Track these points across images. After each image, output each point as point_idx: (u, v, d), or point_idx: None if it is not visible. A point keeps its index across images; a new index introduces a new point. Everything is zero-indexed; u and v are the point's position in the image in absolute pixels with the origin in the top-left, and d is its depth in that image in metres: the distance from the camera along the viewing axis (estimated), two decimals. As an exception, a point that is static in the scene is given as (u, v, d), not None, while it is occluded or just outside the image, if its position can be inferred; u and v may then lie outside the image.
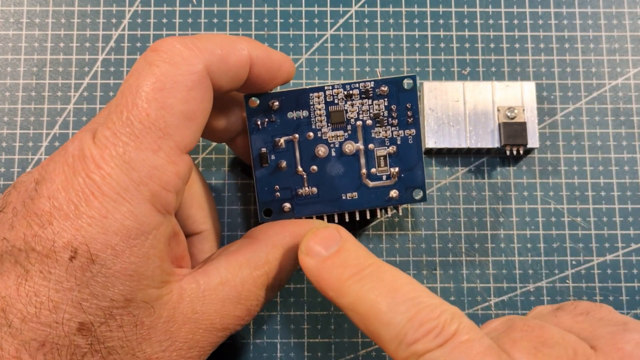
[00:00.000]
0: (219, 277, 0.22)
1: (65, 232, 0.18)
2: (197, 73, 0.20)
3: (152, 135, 0.19)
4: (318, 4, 0.30)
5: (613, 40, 0.30)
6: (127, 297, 0.19)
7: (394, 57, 0.30)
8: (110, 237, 0.18)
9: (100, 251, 0.18)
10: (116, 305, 0.19)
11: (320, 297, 0.28)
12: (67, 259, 0.18)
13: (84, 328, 0.18)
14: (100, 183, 0.19)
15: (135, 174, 0.19)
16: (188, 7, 0.30)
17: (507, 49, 0.30)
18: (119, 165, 0.19)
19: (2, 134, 0.29)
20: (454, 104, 0.28)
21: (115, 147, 0.19)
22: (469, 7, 0.31)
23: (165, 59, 0.20)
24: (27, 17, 0.30)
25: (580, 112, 0.30)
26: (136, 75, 0.20)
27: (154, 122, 0.19)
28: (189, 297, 0.21)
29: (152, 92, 0.19)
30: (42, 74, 0.29)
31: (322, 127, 0.25)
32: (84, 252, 0.18)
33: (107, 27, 0.30)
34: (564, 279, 0.28)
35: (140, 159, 0.19)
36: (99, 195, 0.18)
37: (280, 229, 0.24)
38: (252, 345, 0.27)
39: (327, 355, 0.27)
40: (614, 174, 0.29)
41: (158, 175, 0.19)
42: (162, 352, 0.20)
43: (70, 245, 0.18)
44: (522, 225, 0.29)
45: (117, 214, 0.19)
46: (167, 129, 0.19)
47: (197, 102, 0.20)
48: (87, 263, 0.18)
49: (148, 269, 0.19)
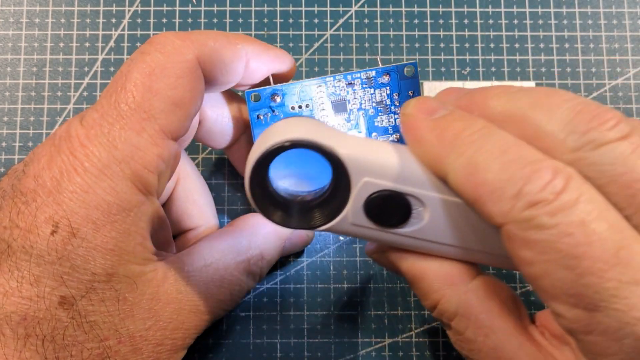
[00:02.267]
0: (203, 260, 0.22)
1: (47, 207, 0.18)
2: (187, 62, 0.20)
3: (136, 116, 0.19)
4: (318, 4, 0.30)
5: (613, 40, 0.30)
6: (109, 271, 0.19)
7: (394, 57, 0.30)
8: (91, 211, 0.19)
9: (81, 225, 0.19)
10: (98, 279, 0.19)
11: (320, 297, 0.28)
12: (49, 233, 0.18)
13: (65, 302, 0.19)
14: (83, 160, 0.19)
15: (117, 152, 0.19)
16: (188, 7, 0.30)
17: (507, 49, 0.30)
18: (102, 144, 0.19)
19: (2, 134, 0.29)
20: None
21: (101, 128, 0.19)
22: (469, 7, 0.31)
23: (157, 48, 0.20)
24: (26, 17, 0.30)
25: (580, 112, 0.30)
26: (128, 63, 0.20)
27: (139, 103, 0.19)
28: (173, 277, 0.21)
29: (140, 77, 0.20)
30: (42, 74, 0.29)
31: (325, 117, 0.24)
32: (65, 226, 0.18)
33: (107, 27, 0.30)
34: (564, 279, 0.28)
35: (123, 139, 0.19)
36: (81, 171, 0.19)
37: (262, 219, 0.24)
38: (252, 346, 0.27)
39: (327, 355, 0.27)
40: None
41: (140, 155, 0.20)
42: (145, 331, 0.20)
43: (52, 219, 0.18)
44: (522, 225, 0.29)
45: (99, 189, 0.19)
46: (152, 112, 0.20)
47: (186, 90, 0.20)
48: (68, 237, 0.18)
49: (129, 245, 0.20)
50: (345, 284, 0.28)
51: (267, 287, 0.28)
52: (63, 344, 0.19)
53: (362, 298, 0.28)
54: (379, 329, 0.28)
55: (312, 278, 0.28)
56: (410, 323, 0.28)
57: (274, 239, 0.25)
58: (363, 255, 0.28)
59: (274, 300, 0.28)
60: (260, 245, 0.24)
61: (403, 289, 0.28)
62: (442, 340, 0.28)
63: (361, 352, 0.28)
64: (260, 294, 0.28)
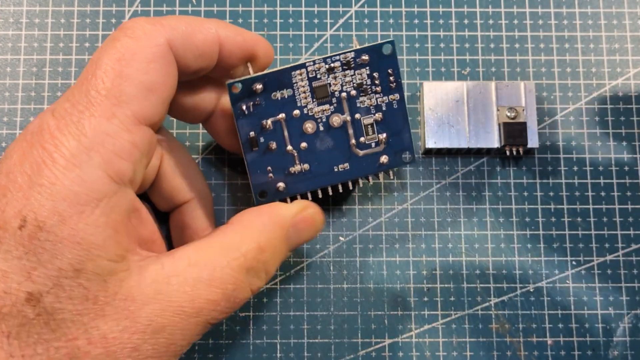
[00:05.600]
0: (187, 260, 0.21)
1: (16, 202, 0.18)
2: (158, 46, 0.20)
3: (106, 102, 0.19)
4: (318, 4, 0.30)
5: (613, 41, 0.30)
6: (76, 266, 0.18)
7: (394, 57, 0.30)
8: (57, 204, 0.18)
9: (47, 218, 0.18)
10: (65, 275, 0.18)
11: (320, 297, 0.28)
12: (17, 227, 0.18)
13: (32, 298, 0.18)
14: (52, 151, 0.18)
15: (85, 139, 0.19)
16: (188, 7, 0.30)
17: (507, 49, 0.30)
18: (72, 133, 0.19)
19: (2, 134, 0.29)
20: (454, 104, 0.28)
21: (71, 117, 0.19)
22: (469, 7, 0.31)
23: (127, 33, 0.20)
24: (26, 17, 0.30)
25: (580, 112, 0.30)
26: (99, 50, 0.20)
27: (109, 89, 0.19)
28: (150, 278, 0.20)
29: (110, 63, 0.19)
30: (41, 74, 0.29)
31: (308, 103, 0.25)
32: (32, 220, 0.18)
33: (107, 27, 0.30)
34: (564, 279, 0.28)
35: (93, 126, 0.19)
36: (49, 163, 0.18)
37: (256, 212, 0.23)
38: (252, 346, 0.27)
39: (327, 356, 0.27)
40: (614, 174, 0.29)
41: (111, 142, 0.19)
42: (119, 332, 0.19)
43: (20, 214, 0.18)
44: (522, 225, 0.29)
45: (66, 180, 0.18)
46: (122, 97, 0.19)
47: (157, 74, 0.20)
48: (34, 231, 0.18)
49: (98, 238, 0.19)
50: (345, 284, 0.28)
51: (267, 287, 0.28)
52: (28, 342, 0.18)
53: (362, 298, 0.28)
54: (379, 329, 0.28)
55: (312, 278, 0.28)
56: (410, 323, 0.28)
57: (273, 228, 0.23)
58: (363, 255, 0.28)
59: (273, 300, 0.28)
60: (257, 237, 0.22)
61: (403, 289, 0.28)
62: (442, 341, 0.28)
63: (361, 352, 0.28)
64: (260, 294, 0.28)
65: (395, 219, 0.29)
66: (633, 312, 0.28)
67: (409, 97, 0.30)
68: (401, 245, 0.28)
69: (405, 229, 0.29)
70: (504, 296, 0.28)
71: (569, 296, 0.28)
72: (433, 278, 0.28)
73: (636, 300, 0.28)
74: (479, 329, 0.28)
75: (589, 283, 0.28)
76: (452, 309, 0.28)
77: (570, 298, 0.28)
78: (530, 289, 0.28)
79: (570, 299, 0.28)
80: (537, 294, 0.28)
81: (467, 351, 0.28)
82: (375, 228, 0.29)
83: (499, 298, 0.28)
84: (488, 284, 0.28)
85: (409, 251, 0.28)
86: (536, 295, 0.28)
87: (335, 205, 0.29)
